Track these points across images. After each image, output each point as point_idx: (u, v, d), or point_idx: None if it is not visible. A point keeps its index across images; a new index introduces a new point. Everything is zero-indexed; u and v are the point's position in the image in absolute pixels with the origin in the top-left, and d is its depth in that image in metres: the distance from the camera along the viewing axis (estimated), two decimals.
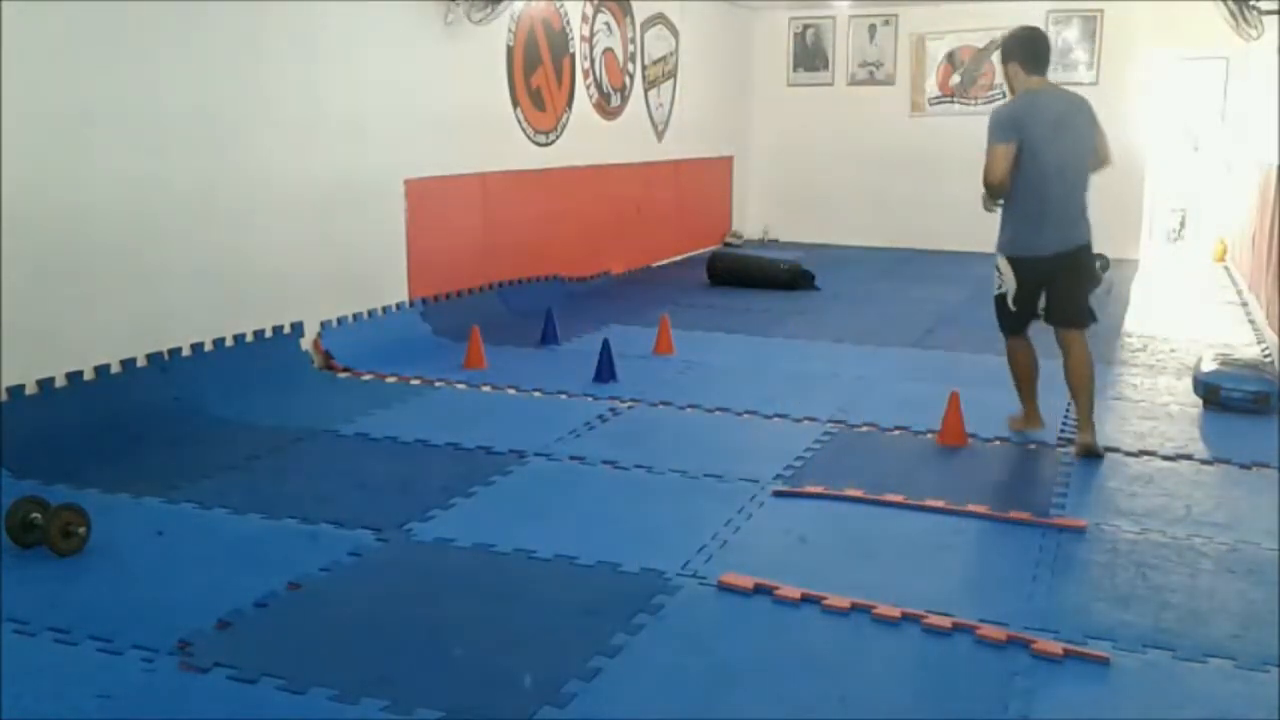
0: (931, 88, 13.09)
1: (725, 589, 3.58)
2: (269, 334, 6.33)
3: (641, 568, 3.75)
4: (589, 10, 9.98)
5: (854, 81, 13.56)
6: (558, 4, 9.45)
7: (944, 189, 12.13)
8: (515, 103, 8.86)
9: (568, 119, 9.68)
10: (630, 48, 10.88)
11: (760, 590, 3.55)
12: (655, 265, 11.67)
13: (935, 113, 13.12)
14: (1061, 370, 5.17)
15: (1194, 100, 12.52)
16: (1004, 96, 5.37)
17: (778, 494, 4.53)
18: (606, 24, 10.37)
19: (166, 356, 5.67)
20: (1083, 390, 5.05)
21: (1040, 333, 5.25)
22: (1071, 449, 5.10)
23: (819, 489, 4.56)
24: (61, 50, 5.04)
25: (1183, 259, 12.37)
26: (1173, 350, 7.45)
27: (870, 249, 12.95)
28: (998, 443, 5.29)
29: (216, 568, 3.75)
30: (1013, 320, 5.23)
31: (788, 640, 3.27)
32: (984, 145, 4.97)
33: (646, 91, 11.31)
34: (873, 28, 13.37)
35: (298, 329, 6.54)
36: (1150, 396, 6.19)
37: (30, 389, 4.96)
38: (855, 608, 3.42)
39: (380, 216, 7.30)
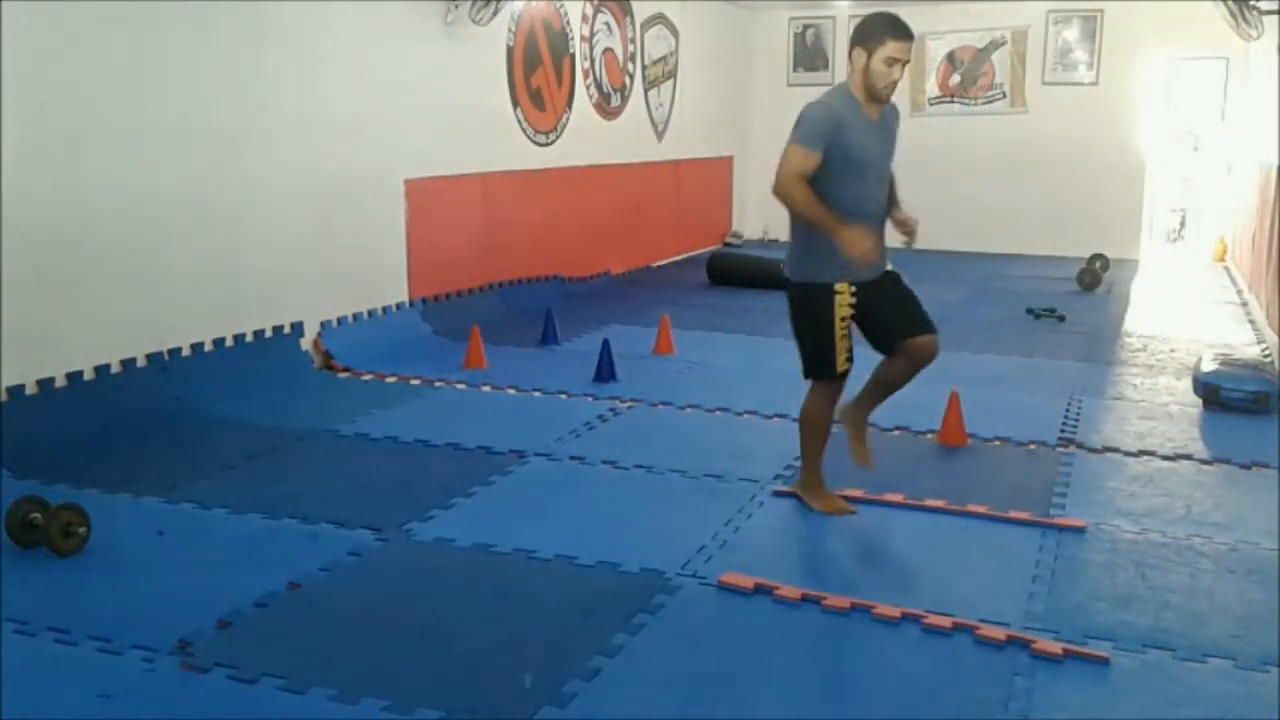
0: (931, 88, 13.06)
1: (725, 589, 3.58)
2: (269, 334, 6.32)
3: (641, 568, 3.75)
4: (589, 10, 9.98)
5: None
6: (558, 4, 9.45)
7: (943, 189, 12.08)
8: (515, 103, 8.86)
9: (568, 119, 9.68)
10: (630, 48, 10.88)
11: (760, 590, 3.55)
12: (655, 265, 11.66)
13: (935, 113, 13.08)
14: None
15: (1194, 100, 12.51)
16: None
17: (778, 494, 4.52)
18: (606, 24, 10.36)
19: (166, 356, 5.67)
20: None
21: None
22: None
23: None
24: (62, 50, 5.04)
25: (1183, 259, 12.36)
26: (1173, 350, 7.44)
27: None
28: (998, 443, 5.29)
29: (216, 568, 3.75)
30: None
31: (788, 640, 3.27)
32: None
33: (646, 91, 11.30)
34: None
35: (298, 329, 6.54)
36: (1150, 396, 6.19)
37: (30, 389, 4.97)
38: (855, 608, 3.42)
39: (380, 216, 7.31)
